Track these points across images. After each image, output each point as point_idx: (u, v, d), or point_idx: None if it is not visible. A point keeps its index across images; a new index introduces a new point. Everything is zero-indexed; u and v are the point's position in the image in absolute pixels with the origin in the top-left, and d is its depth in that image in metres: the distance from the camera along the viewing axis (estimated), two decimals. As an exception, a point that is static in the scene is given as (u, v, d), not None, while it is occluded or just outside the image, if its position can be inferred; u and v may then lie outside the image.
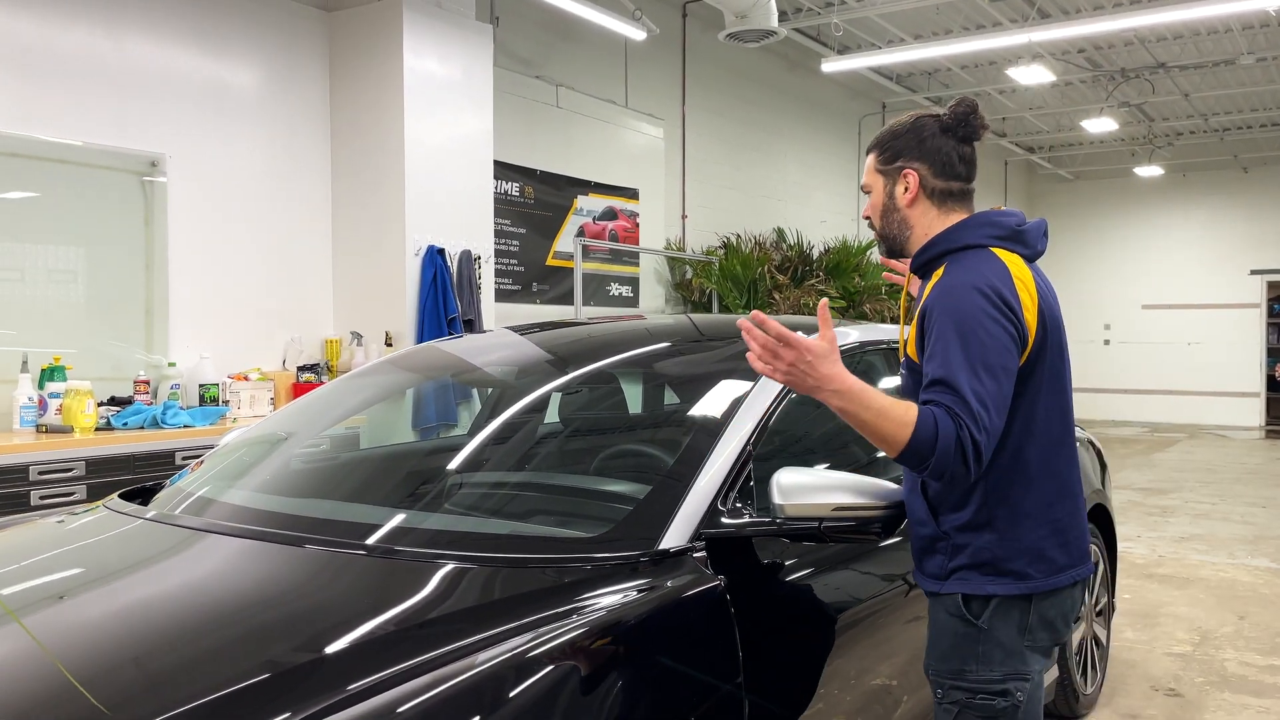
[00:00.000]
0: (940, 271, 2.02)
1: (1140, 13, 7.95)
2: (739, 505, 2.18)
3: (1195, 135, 14.66)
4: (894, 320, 2.37)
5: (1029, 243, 2.06)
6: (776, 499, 2.08)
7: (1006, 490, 1.99)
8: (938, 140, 2.06)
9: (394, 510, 2.35)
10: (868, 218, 2.21)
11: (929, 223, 2.09)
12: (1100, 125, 12.68)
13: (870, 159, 2.17)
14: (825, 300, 1.94)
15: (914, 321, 2.07)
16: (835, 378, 1.82)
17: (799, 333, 1.83)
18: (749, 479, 2.26)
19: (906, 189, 2.10)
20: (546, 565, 1.94)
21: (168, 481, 2.81)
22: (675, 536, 2.03)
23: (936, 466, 1.81)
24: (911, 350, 2.09)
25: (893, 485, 2.16)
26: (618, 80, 8.52)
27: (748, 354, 1.87)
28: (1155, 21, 8.18)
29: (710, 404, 2.52)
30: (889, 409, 1.82)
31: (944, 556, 2.05)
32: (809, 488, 2.10)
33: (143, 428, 4.63)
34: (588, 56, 8.21)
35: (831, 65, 8.60)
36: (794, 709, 2.11)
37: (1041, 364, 1.99)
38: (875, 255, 10.71)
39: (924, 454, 1.81)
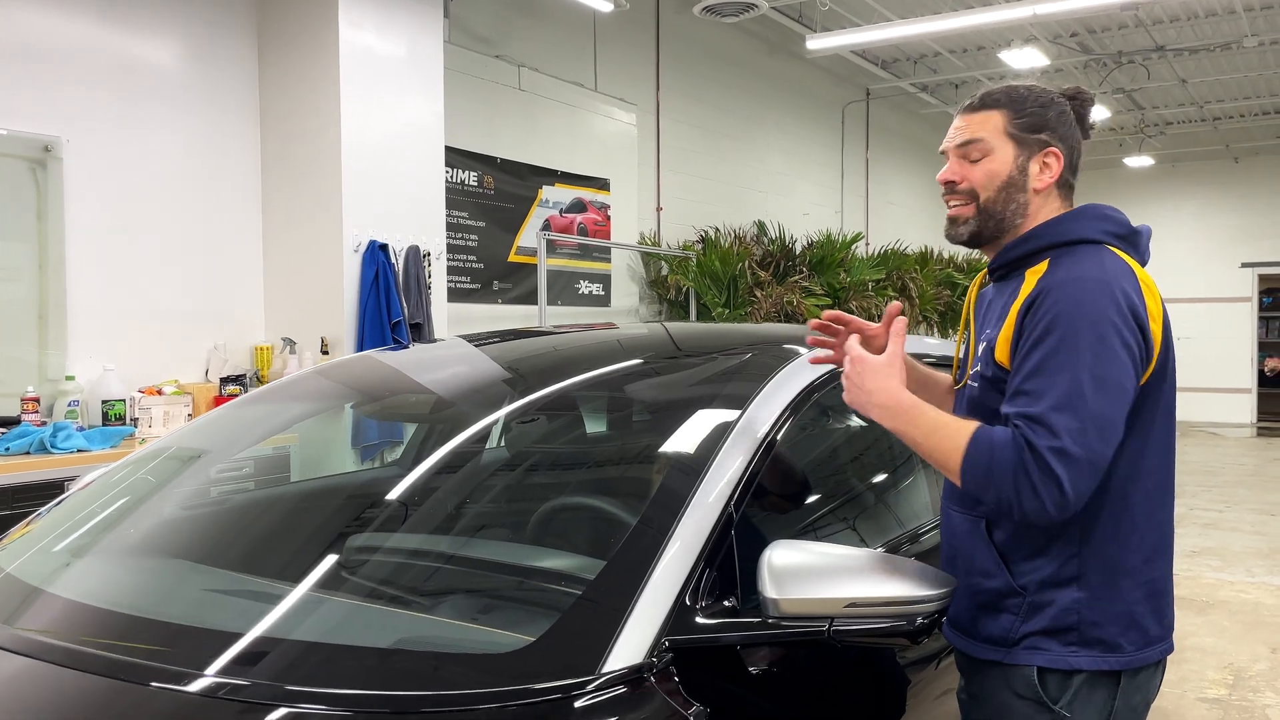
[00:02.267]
0: (1042, 268, 1.62)
1: (1144, -11, 7.43)
2: (719, 596, 1.61)
3: (1187, 124, 14.22)
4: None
5: (1141, 248, 1.69)
6: (768, 591, 1.51)
7: (1105, 539, 1.60)
8: (1073, 128, 1.75)
9: (256, 601, 1.74)
10: (952, 183, 1.73)
11: (1044, 216, 1.70)
12: (1092, 113, 12.17)
13: (996, 117, 1.71)
14: (897, 304, 1.72)
15: (1010, 319, 1.61)
16: (882, 390, 1.61)
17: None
18: (730, 552, 1.68)
19: (1045, 169, 1.69)
20: (437, 708, 1.34)
21: (-5, 542, 2.20)
22: (628, 651, 1.44)
23: (996, 501, 1.51)
24: (1003, 355, 1.61)
25: (929, 567, 1.59)
26: (586, 61, 7.89)
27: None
28: (1159, -1, 7.67)
29: (680, 443, 1.92)
30: (940, 427, 1.57)
31: (1015, 617, 1.62)
32: (813, 572, 1.53)
33: (28, 453, 4.00)
34: (552, 35, 7.58)
35: (816, 43, 8.01)
36: None
37: (1159, 391, 1.61)
38: (860, 249, 10.16)
39: (979, 484, 1.52)
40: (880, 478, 2.58)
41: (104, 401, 4.52)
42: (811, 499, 2.19)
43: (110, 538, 2.05)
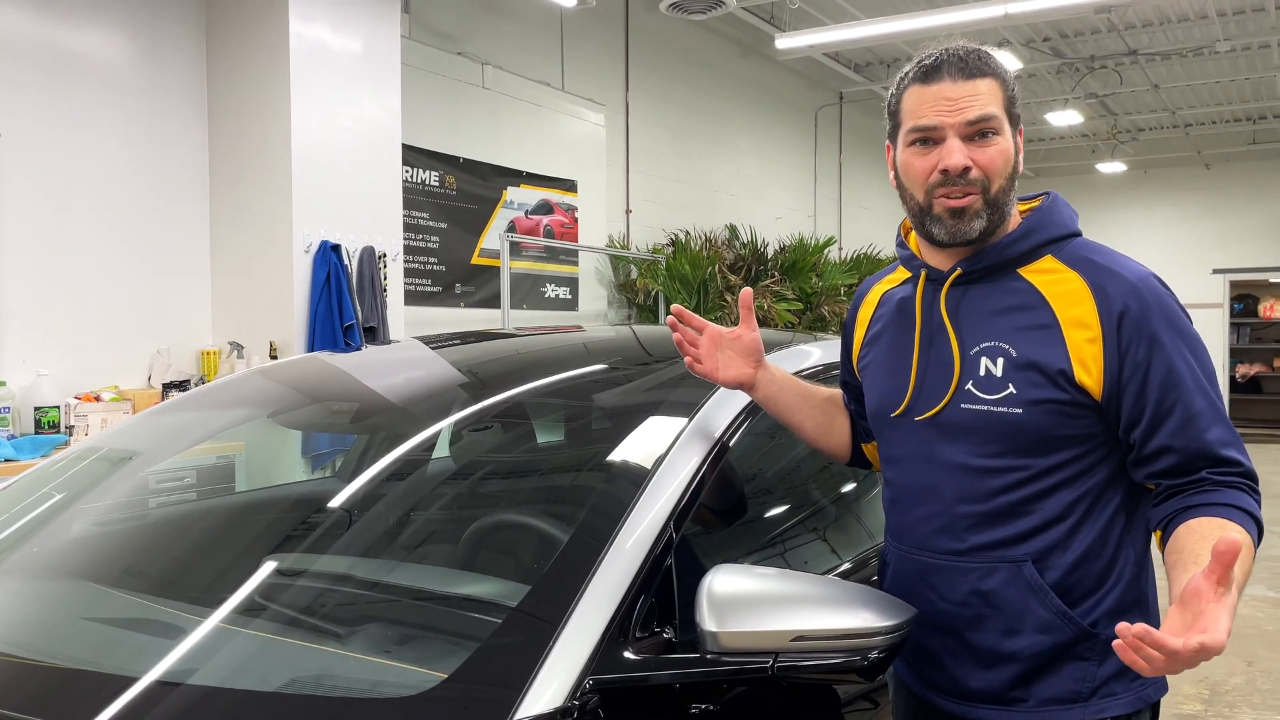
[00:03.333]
0: (1051, 264, 1.45)
1: (1118, -9, 7.36)
2: (656, 626, 1.45)
3: (1159, 130, 14.25)
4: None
5: None
6: (707, 624, 1.35)
7: (1145, 549, 1.49)
8: None
9: (160, 635, 1.55)
10: (966, 170, 1.41)
11: (1013, 207, 1.50)
12: (1064, 119, 12.17)
13: (996, 87, 1.44)
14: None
15: (1076, 333, 1.41)
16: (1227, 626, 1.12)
17: None
18: (669, 576, 1.52)
19: (1019, 151, 1.48)
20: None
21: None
22: (548, 694, 1.28)
23: None
24: (1092, 378, 1.39)
25: (886, 596, 1.43)
26: (553, 60, 7.73)
27: None
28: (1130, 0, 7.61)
29: (616, 456, 1.76)
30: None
31: (1089, 664, 1.43)
32: (756, 601, 1.37)
33: (-50, 463, 3.78)
34: (518, 32, 7.41)
35: (786, 42, 7.88)
36: None
37: None
38: (833, 254, 10.05)
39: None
40: (842, 491, 2.43)
41: (36, 408, 4.30)
42: (763, 516, 2.03)
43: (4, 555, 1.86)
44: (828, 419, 1.74)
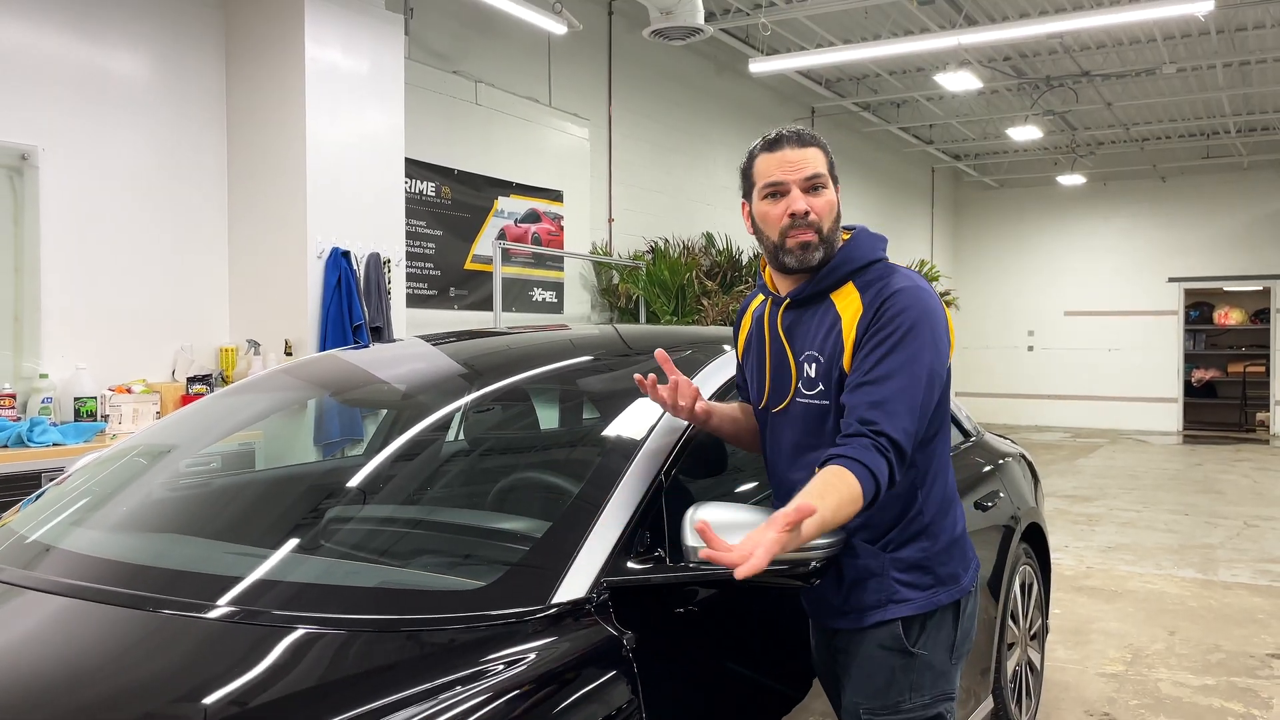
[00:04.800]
0: (847, 290, 1.92)
1: (1066, 18, 7.92)
2: (651, 546, 1.92)
3: (1116, 145, 14.88)
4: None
5: None
6: (689, 540, 1.82)
7: (941, 492, 2.04)
8: None
9: (253, 557, 2.02)
10: (804, 213, 1.90)
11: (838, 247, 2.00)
12: (1025, 134, 12.75)
13: (820, 154, 1.95)
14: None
15: (848, 335, 1.89)
16: (768, 540, 1.55)
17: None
18: (660, 515, 2.00)
19: (838, 202, 1.99)
20: (417, 628, 1.65)
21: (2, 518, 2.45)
22: (572, 587, 1.76)
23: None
24: (850, 365, 1.89)
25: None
26: (540, 78, 8.21)
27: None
28: (1080, 26, 8.17)
29: (618, 426, 2.24)
30: (828, 490, 1.68)
31: (887, 579, 1.97)
32: (728, 526, 1.84)
33: (5, 446, 4.20)
34: (508, 52, 7.89)
35: (759, 66, 8.41)
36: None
37: (949, 379, 1.98)
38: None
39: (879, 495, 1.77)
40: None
41: (76, 399, 4.72)
42: (729, 471, 2.51)
43: (119, 510, 2.31)
44: (752, 427, 2.17)
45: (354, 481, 2.40)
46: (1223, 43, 10.07)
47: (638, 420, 2.17)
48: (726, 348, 2.48)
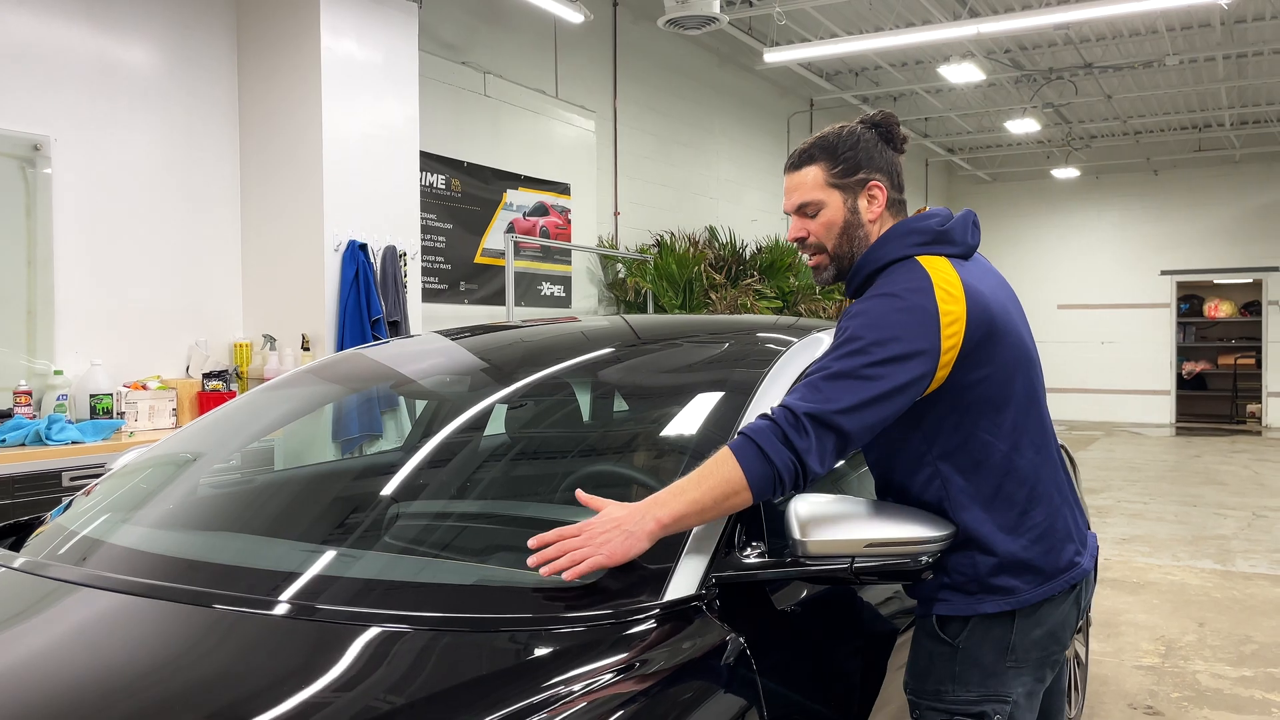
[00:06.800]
0: (869, 290, 1.87)
1: (1074, 8, 7.89)
2: (749, 542, 1.84)
3: (1111, 138, 14.91)
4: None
5: (957, 240, 1.89)
6: (796, 534, 1.74)
7: (965, 477, 1.93)
8: (885, 151, 1.94)
9: (317, 552, 1.92)
10: (802, 239, 1.95)
11: None
12: (1023, 126, 12.76)
13: (815, 173, 1.91)
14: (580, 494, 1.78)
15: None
16: (621, 523, 1.66)
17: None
18: (757, 510, 1.92)
19: (872, 201, 1.91)
20: (517, 628, 1.56)
21: (48, 515, 2.35)
22: (683, 584, 1.67)
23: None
24: None
25: (930, 514, 1.84)
26: (548, 69, 8.11)
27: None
28: (1088, 16, 8.14)
29: (702, 415, 2.16)
30: (704, 477, 1.69)
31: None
32: (834, 519, 1.77)
33: (24, 444, 4.08)
34: (516, 42, 7.79)
35: (774, 55, 8.34)
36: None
37: (982, 379, 1.82)
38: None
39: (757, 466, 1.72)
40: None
41: (91, 395, 4.59)
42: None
43: (175, 508, 2.22)
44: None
45: (427, 479, 2.31)
46: (1224, 34, 10.07)
47: (727, 408, 2.09)
48: (793, 340, 2.39)
